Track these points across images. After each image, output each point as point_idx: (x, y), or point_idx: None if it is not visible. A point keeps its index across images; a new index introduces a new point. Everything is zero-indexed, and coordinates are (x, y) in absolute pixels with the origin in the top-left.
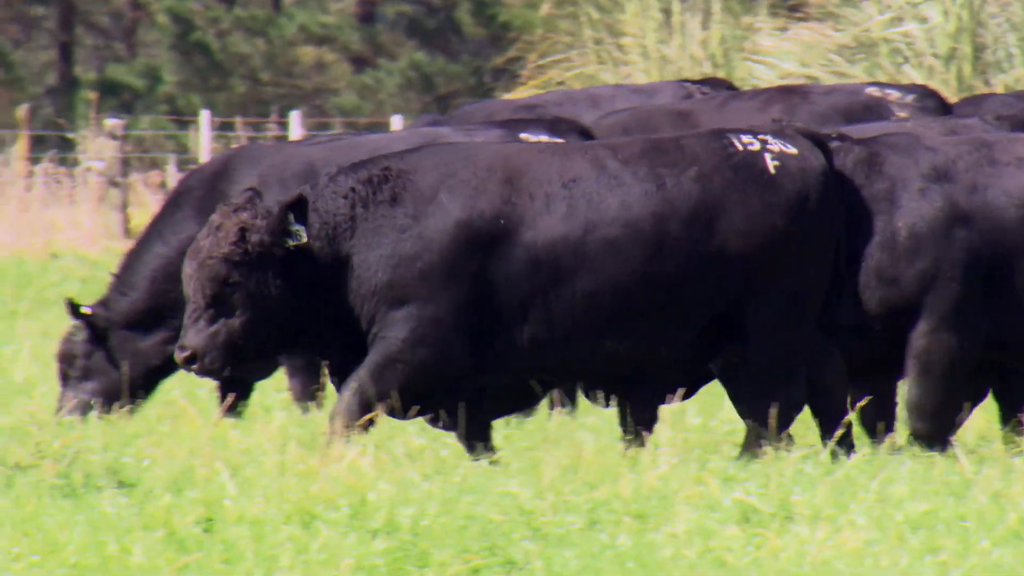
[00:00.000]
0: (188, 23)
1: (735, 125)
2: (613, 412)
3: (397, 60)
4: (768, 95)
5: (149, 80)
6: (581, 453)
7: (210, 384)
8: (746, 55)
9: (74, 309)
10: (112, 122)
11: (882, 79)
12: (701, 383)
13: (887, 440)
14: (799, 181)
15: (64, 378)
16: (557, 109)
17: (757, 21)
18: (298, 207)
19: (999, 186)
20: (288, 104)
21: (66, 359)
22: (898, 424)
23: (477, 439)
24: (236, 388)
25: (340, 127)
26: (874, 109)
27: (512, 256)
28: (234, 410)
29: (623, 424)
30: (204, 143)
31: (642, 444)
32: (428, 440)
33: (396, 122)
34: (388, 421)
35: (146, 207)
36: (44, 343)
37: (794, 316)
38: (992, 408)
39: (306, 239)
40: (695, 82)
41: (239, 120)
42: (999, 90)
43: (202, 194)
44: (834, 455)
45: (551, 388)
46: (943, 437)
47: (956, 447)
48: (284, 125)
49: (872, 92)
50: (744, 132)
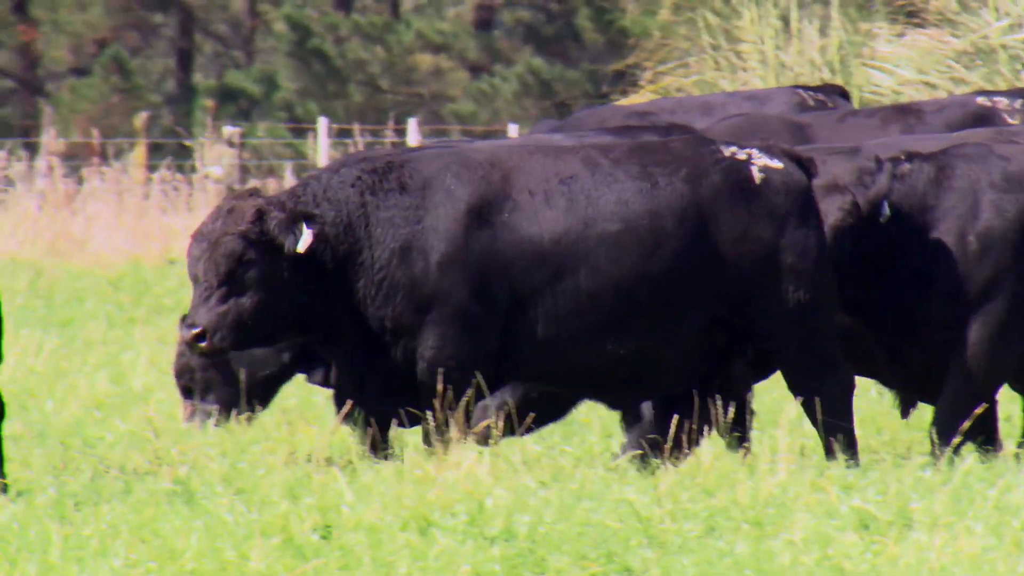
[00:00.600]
0: (306, 30)
1: (852, 141)
2: (730, 419)
3: (514, 66)
4: (885, 113)
5: (267, 87)
6: (698, 460)
7: (326, 392)
8: (864, 61)
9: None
10: (230, 129)
11: (1002, 86)
12: None
13: (1007, 448)
14: (782, 194)
15: (185, 391)
16: (669, 116)
17: (875, 27)
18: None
19: None
20: (405, 111)
21: (185, 372)
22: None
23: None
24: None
25: (457, 134)
26: (985, 119)
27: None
28: (350, 417)
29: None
30: (322, 150)
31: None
32: (545, 448)
33: (512, 129)
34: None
35: None
36: (161, 350)
37: (806, 317)
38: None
39: (304, 246)
40: (808, 89)
41: (356, 127)
42: None
43: None
44: (951, 463)
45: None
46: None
47: None
48: (401, 132)
49: (982, 102)
50: (730, 143)
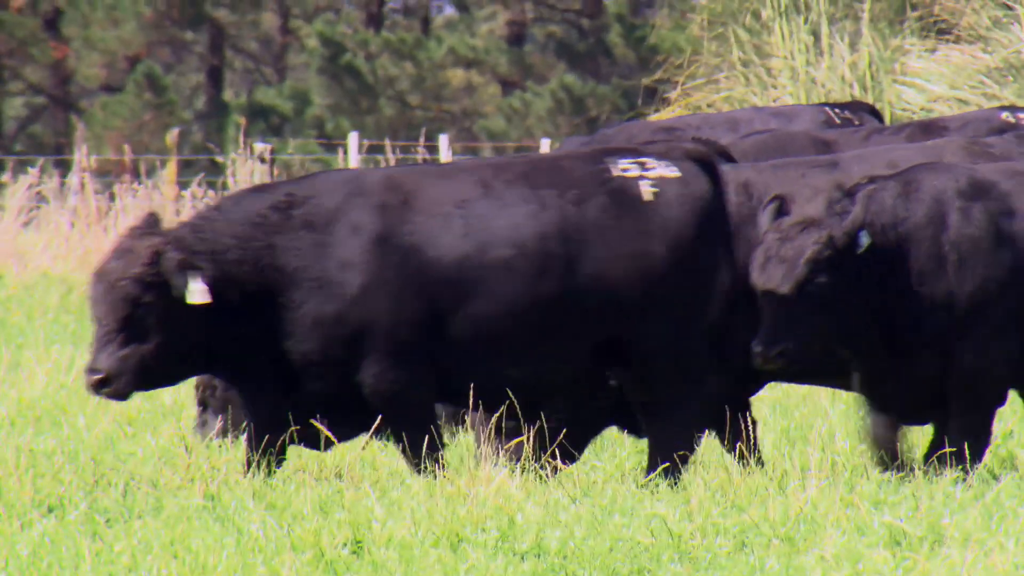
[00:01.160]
0: (337, 46)
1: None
2: (760, 435)
3: (546, 83)
4: (911, 130)
5: (298, 104)
6: (729, 475)
7: None
8: (895, 77)
9: None
10: (261, 146)
11: None
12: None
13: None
14: (676, 207)
15: (202, 404)
16: (696, 132)
17: (906, 43)
18: (190, 266)
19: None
20: (437, 127)
21: (209, 387)
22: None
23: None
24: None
25: (489, 151)
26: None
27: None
28: (381, 433)
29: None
30: (352, 166)
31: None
32: (576, 463)
33: (545, 145)
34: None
35: None
36: None
37: (684, 338)
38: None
39: (202, 294)
40: (835, 106)
41: (388, 143)
42: None
43: None
44: (983, 479)
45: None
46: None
47: None
48: (433, 148)
49: (1006, 117)
50: (626, 155)
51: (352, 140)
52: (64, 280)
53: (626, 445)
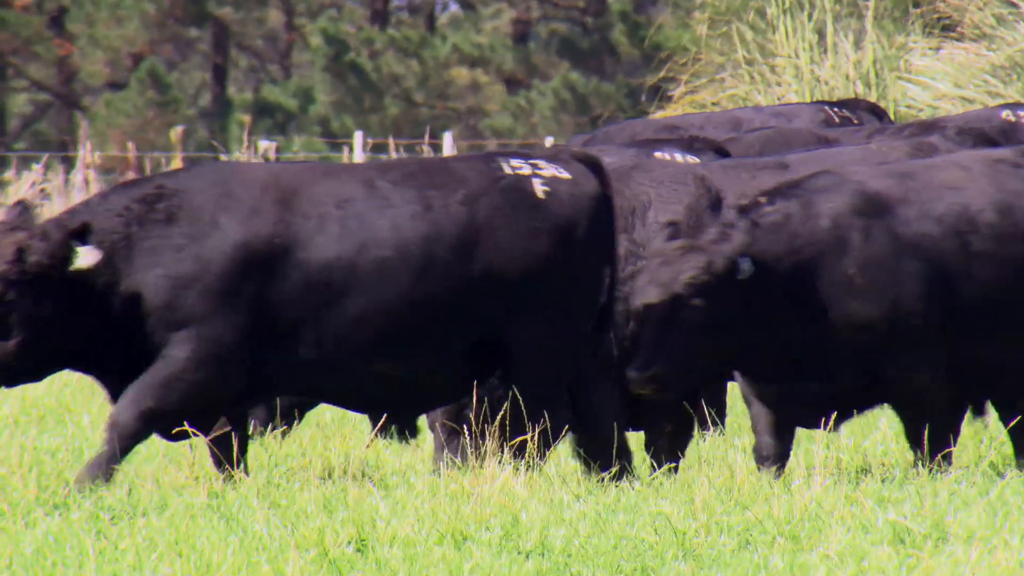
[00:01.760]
0: (342, 44)
1: (881, 158)
2: None
3: (551, 81)
4: (912, 129)
5: (303, 101)
6: (734, 473)
7: None
8: (899, 75)
9: None
10: (265, 144)
11: None
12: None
13: None
14: (568, 207)
15: None
16: (698, 130)
17: (910, 41)
18: (80, 230)
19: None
20: (441, 125)
21: None
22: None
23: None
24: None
25: (494, 149)
26: (1009, 133)
27: (287, 276)
28: (385, 431)
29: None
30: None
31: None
32: (581, 462)
33: (549, 143)
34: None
35: None
36: None
37: (559, 341)
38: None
39: (94, 262)
40: (833, 104)
41: (392, 141)
42: None
43: None
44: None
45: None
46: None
47: None
48: (437, 147)
49: (1006, 116)
50: (516, 156)
51: (357, 138)
52: None
53: (631, 443)
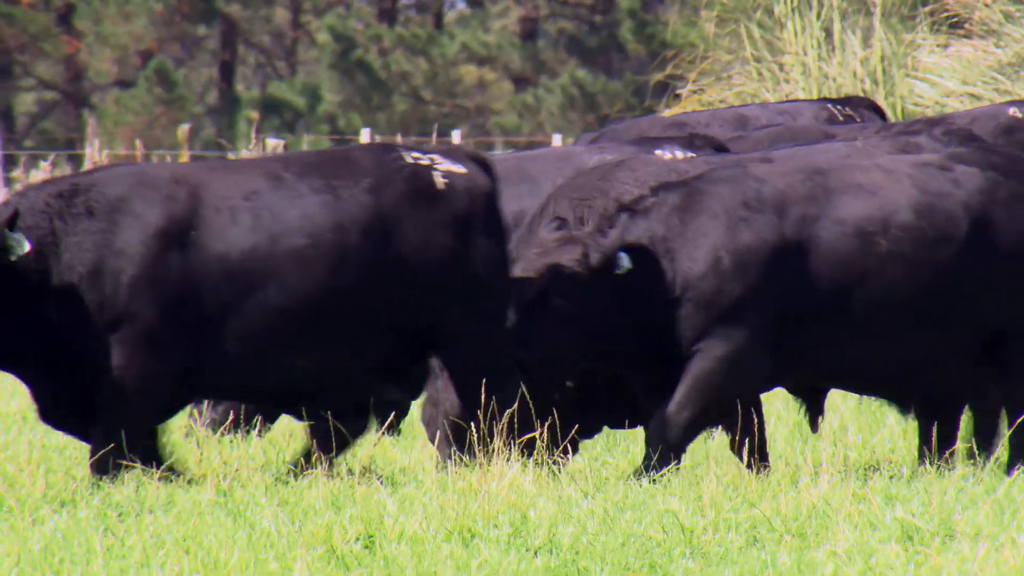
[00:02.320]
0: (349, 41)
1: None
2: (773, 430)
3: (558, 78)
4: (917, 126)
5: (310, 99)
6: (741, 471)
7: None
8: (907, 72)
9: None
10: (273, 141)
11: None
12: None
13: None
14: (466, 199)
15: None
16: (704, 128)
17: (918, 38)
18: (13, 221)
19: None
20: (449, 123)
21: None
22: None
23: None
24: (395, 406)
25: (501, 146)
26: (1015, 130)
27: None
28: (393, 428)
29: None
30: None
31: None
32: (588, 459)
33: (557, 140)
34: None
35: None
36: None
37: (484, 325)
38: None
39: (28, 249)
40: (835, 102)
41: (400, 139)
42: None
43: None
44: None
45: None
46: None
47: None
48: (445, 145)
49: (1013, 113)
50: (413, 149)
51: (364, 136)
52: None
53: (639, 441)
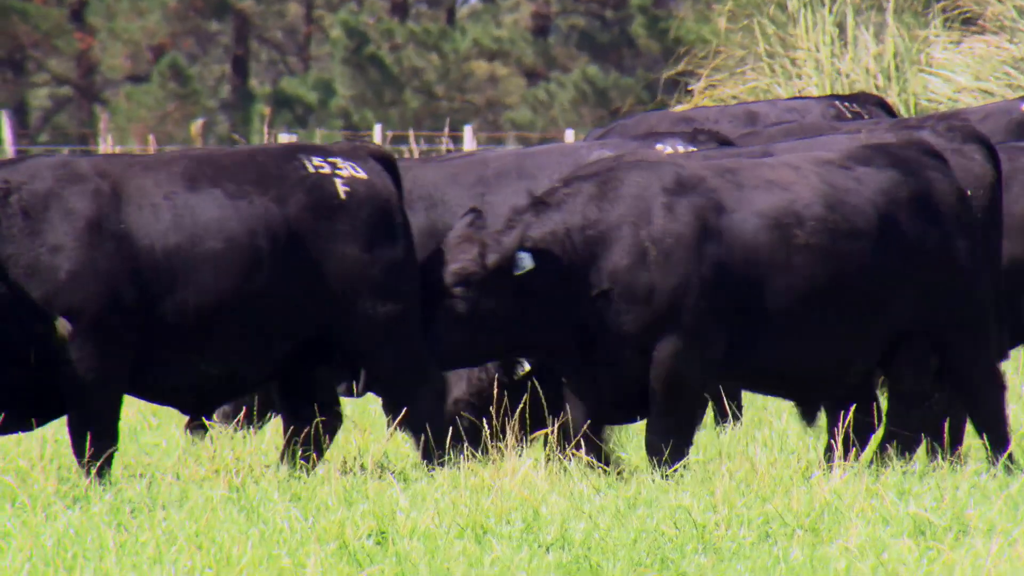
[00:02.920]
0: (362, 37)
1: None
2: (785, 426)
3: (570, 74)
4: (929, 122)
5: (323, 94)
6: (754, 466)
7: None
8: (920, 68)
9: None
10: (286, 136)
11: None
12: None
13: None
14: (368, 206)
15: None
16: (713, 124)
17: (931, 34)
18: None
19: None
20: (461, 118)
21: None
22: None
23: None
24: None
25: (513, 141)
26: None
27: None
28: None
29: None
30: None
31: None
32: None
33: (569, 136)
34: None
35: None
36: None
37: (396, 329)
38: None
39: None
40: (843, 98)
41: (412, 134)
42: None
43: None
44: (1007, 470)
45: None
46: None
47: None
48: (457, 139)
49: None
50: (317, 153)
51: (377, 131)
52: None
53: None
